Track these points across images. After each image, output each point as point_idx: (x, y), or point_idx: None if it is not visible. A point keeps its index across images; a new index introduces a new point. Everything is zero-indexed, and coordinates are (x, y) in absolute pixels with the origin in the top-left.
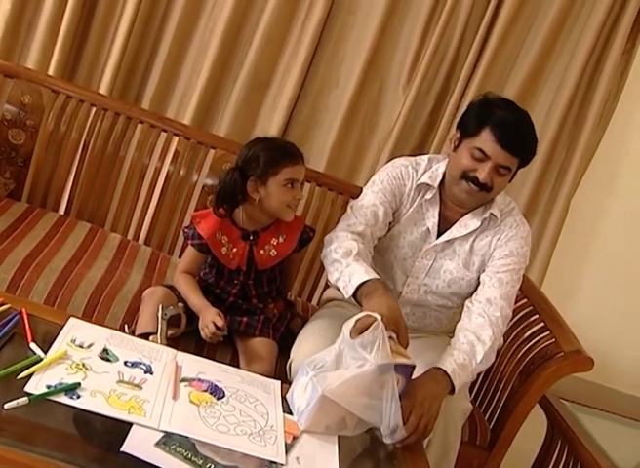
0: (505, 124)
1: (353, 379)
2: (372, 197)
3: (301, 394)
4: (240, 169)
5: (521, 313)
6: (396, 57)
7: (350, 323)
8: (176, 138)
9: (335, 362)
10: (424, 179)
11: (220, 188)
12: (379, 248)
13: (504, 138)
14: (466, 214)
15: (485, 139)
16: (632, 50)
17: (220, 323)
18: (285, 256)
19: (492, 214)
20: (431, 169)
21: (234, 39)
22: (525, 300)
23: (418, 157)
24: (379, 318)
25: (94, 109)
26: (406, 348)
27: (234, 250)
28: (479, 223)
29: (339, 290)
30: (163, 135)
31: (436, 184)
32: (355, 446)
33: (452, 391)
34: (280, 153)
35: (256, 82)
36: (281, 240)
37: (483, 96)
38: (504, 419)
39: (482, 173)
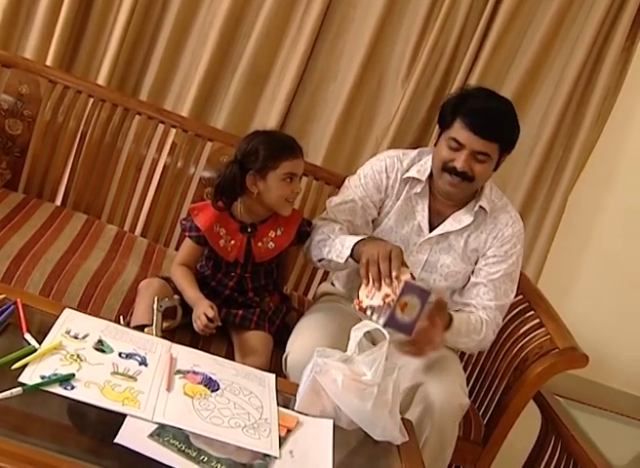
0: (475, 111)
1: (348, 379)
2: (351, 192)
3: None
4: (239, 162)
5: (516, 309)
6: (395, 51)
7: (359, 334)
8: (173, 130)
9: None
10: (412, 173)
11: (219, 181)
12: None
13: (475, 125)
14: (460, 209)
15: (457, 128)
16: (631, 48)
17: (212, 314)
18: (282, 249)
19: (481, 206)
20: (420, 162)
21: (233, 31)
22: (521, 297)
23: (408, 150)
24: (387, 336)
25: (91, 100)
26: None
27: (232, 242)
28: (472, 218)
29: (330, 265)
30: (161, 126)
31: (424, 178)
32: (350, 440)
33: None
34: (280, 147)
35: (254, 75)
36: (279, 233)
37: (461, 88)
38: (499, 415)
39: (459, 161)
